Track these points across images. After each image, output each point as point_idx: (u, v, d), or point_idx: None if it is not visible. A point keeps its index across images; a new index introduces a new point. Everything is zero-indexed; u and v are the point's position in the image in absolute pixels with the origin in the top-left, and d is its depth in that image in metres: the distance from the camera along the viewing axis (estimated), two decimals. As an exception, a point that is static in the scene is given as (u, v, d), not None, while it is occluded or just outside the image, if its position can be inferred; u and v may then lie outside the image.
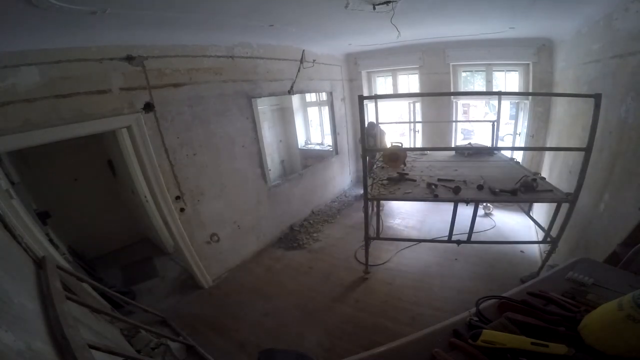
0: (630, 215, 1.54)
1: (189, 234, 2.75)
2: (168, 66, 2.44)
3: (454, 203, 2.31)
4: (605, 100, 1.79)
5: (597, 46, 2.26)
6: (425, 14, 2.48)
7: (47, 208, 3.08)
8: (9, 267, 1.20)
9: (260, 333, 2.37)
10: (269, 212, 3.69)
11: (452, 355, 0.75)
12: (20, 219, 1.78)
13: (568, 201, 2.05)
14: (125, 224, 3.99)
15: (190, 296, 2.88)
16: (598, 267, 1.07)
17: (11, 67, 1.67)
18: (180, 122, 2.59)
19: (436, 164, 3.20)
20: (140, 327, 2.00)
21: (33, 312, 1.04)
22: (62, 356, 0.94)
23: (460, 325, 0.85)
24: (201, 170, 2.82)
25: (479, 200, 2.32)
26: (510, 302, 0.91)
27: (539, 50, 3.54)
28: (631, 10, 1.78)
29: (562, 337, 0.77)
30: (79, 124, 1.97)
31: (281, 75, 3.59)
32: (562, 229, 2.17)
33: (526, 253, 3.10)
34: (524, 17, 2.61)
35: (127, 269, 3.46)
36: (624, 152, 1.76)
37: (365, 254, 2.84)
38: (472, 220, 2.37)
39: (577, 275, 0.98)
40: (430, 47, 4.09)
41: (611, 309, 0.73)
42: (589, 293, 0.91)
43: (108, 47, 2.07)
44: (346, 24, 2.69)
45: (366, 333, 2.28)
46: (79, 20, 1.55)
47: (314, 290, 2.84)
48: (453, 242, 2.51)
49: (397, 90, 4.95)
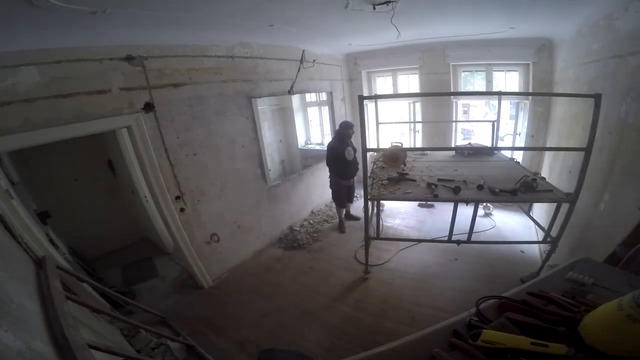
0: (630, 215, 1.54)
1: (189, 234, 2.75)
2: (168, 66, 2.44)
3: (454, 203, 2.31)
4: (605, 100, 1.79)
5: (597, 46, 2.26)
6: (425, 13, 2.48)
7: (47, 208, 3.08)
8: (9, 267, 1.20)
9: (260, 333, 2.37)
10: (269, 212, 3.69)
11: (452, 355, 0.75)
12: (20, 219, 1.78)
13: (568, 201, 2.05)
14: (125, 224, 3.99)
15: (190, 296, 2.88)
16: (598, 267, 1.07)
17: (11, 67, 1.67)
18: (180, 122, 2.59)
19: (436, 164, 3.20)
20: (140, 327, 2.01)
21: (33, 312, 1.04)
22: (62, 356, 0.94)
23: (460, 325, 0.85)
24: (201, 170, 2.82)
25: (479, 200, 2.32)
26: (510, 302, 0.91)
27: (539, 50, 3.54)
28: (631, 10, 1.78)
29: (562, 337, 0.77)
30: (79, 124, 1.97)
31: (281, 75, 3.59)
32: (562, 229, 2.17)
33: (526, 253, 3.10)
34: (524, 17, 2.61)
35: (127, 269, 3.46)
36: (624, 152, 1.76)
37: (365, 254, 2.84)
38: (472, 220, 2.37)
39: (577, 275, 0.98)
40: (430, 47, 4.09)
41: (611, 309, 0.73)
42: (589, 293, 0.91)
43: (108, 47, 2.07)
44: (346, 24, 2.69)
45: (366, 333, 2.28)
46: (79, 20, 1.55)
47: (314, 290, 2.84)
48: (453, 242, 2.50)
49: (397, 90, 4.94)
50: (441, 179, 2.64)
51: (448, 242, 2.52)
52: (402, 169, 2.99)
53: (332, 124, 4.83)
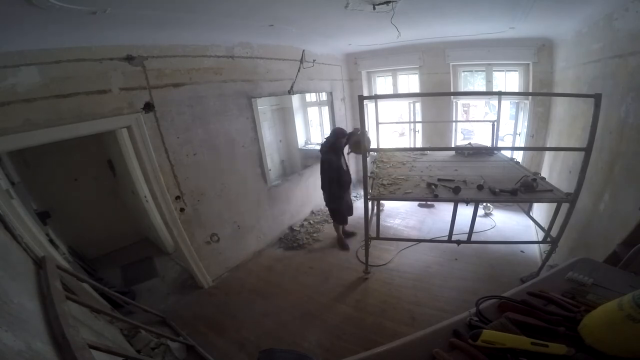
0: (630, 215, 1.54)
1: (189, 234, 2.75)
2: (168, 66, 2.44)
3: (453, 203, 2.31)
4: (605, 100, 1.78)
5: (597, 46, 2.26)
6: (425, 13, 2.48)
7: (47, 208, 3.08)
8: (9, 267, 1.20)
9: (260, 333, 2.37)
10: (269, 212, 3.69)
11: (452, 355, 0.75)
12: (20, 219, 1.78)
13: (568, 201, 2.04)
14: (125, 224, 3.99)
15: (190, 296, 2.88)
16: (598, 267, 1.07)
17: (11, 67, 1.67)
18: (180, 122, 2.59)
19: (436, 163, 3.20)
20: (140, 327, 2.01)
21: (33, 312, 1.04)
22: (62, 356, 0.94)
23: (460, 325, 0.85)
24: (201, 170, 2.82)
25: (479, 200, 2.32)
26: (510, 302, 0.91)
27: (539, 50, 3.54)
28: (631, 10, 1.78)
29: (562, 337, 0.77)
30: (79, 124, 1.97)
31: (281, 75, 3.59)
32: (561, 229, 2.16)
33: (526, 253, 3.10)
34: (524, 17, 2.61)
35: (127, 269, 3.46)
36: (624, 152, 1.76)
37: (365, 254, 2.84)
38: (472, 220, 2.37)
39: (577, 275, 0.98)
40: (430, 47, 4.09)
41: (611, 309, 0.73)
42: (589, 293, 0.91)
43: (108, 47, 2.07)
44: (346, 24, 2.69)
45: (366, 333, 2.28)
46: (79, 20, 1.55)
47: (314, 290, 2.84)
48: (453, 242, 2.50)
49: (397, 90, 4.94)
50: (441, 178, 2.64)
51: (448, 242, 2.51)
52: (368, 155, 2.85)
53: (332, 124, 4.83)
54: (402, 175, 2.87)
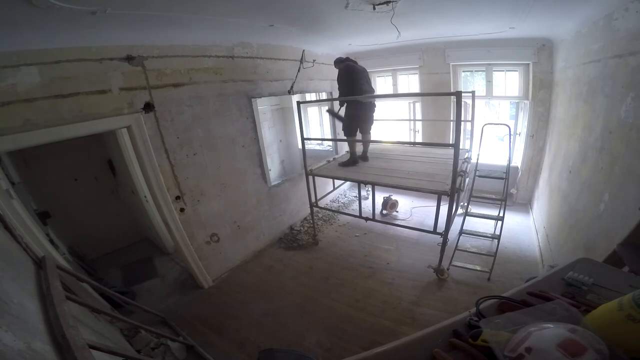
0: (630, 215, 1.53)
1: (189, 234, 2.75)
2: (168, 66, 2.44)
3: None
4: (605, 100, 1.78)
5: (597, 46, 2.25)
6: (425, 14, 2.48)
7: (47, 208, 3.08)
8: (9, 267, 1.20)
9: (260, 333, 2.37)
10: (269, 212, 3.69)
11: (452, 355, 0.75)
12: (20, 219, 1.78)
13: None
14: (125, 224, 3.99)
15: (190, 296, 2.88)
16: (598, 267, 1.07)
17: (11, 67, 1.67)
18: (180, 122, 2.59)
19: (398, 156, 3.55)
20: (140, 327, 2.01)
21: (33, 312, 1.04)
22: (62, 356, 0.94)
23: (460, 325, 0.85)
24: (201, 170, 2.82)
25: (375, 183, 2.95)
26: (510, 302, 0.91)
27: (539, 50, 3.54)
28: (631, 10, 1.77)
29: (562, 337, 0.76)
30: (79, 124, 1.97)
31: (281, 75, 3.59)
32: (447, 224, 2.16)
33: (526, 253, 3.10)
34: (524, 17, 2.61)
35: (127, 269, 3.46)
36: (624, 152, 1.76)
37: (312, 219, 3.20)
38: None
39: (577, 275, 0.98)
40: (430, 47, 4.09)
41: (611, 309, 0.73)
42: (589, 293, 0.91)
43: (108, 47, 2.07)
44: (346, 24, 2.69)
45: (366, 333, 2.28)
46: (79, 20, 1.55)
47: (314, 290, 2.84)
48: (362, 217, 3.04)
49: (397, 90, 4.95)
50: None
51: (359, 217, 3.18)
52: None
53: (332, 124, 4.82)
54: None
